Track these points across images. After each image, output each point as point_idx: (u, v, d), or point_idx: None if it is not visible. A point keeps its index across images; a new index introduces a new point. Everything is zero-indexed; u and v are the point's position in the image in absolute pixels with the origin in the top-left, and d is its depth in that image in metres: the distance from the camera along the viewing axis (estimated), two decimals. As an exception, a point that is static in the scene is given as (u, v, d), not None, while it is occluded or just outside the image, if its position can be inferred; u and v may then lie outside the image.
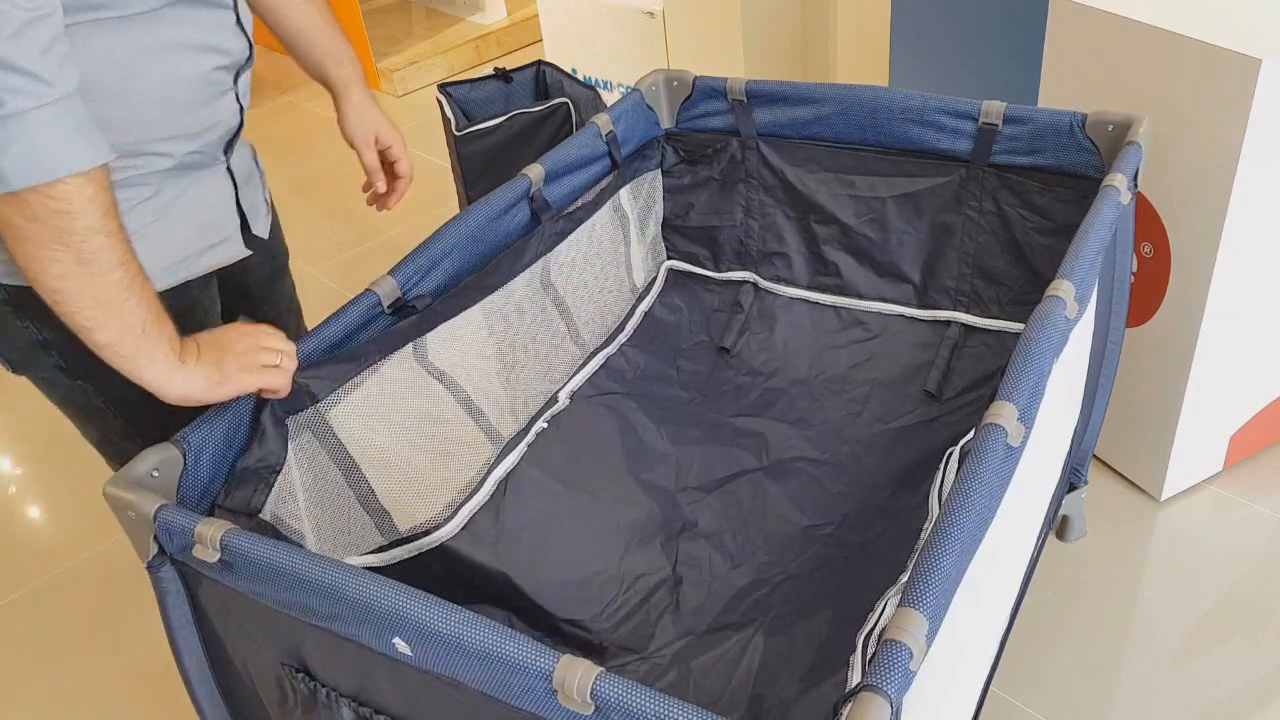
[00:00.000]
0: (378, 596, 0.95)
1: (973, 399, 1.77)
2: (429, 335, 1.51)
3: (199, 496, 1.19)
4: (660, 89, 1.85)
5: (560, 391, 1.80)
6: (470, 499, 1.60)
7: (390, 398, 1.46)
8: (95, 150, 0.98)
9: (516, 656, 0.90)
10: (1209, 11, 1.63)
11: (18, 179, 0.94)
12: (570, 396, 1.81)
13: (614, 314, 1.92)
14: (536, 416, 1.74)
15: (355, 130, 1.43)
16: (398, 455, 1.47)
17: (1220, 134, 1.59)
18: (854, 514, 1.65)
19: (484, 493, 1.62)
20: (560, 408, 1.78)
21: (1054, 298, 1.25)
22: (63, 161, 0.95)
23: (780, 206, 1.91)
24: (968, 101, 1.67)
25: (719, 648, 1.47)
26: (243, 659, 1.18)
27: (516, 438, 1.70)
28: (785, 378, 1.90)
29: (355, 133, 1.43)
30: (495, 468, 1.65)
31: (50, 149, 0.94)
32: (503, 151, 2.25)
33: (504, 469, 1.66)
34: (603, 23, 3.25)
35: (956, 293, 1.84)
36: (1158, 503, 1.96)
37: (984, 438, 1.08)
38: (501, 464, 1.66)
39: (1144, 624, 1.75)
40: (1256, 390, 1.90)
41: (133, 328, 1.04)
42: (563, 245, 1.75)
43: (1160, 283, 1.78)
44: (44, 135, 0.94)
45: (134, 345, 1.05)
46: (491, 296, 1.61)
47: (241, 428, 1.23)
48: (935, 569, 0.95)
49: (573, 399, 1.80)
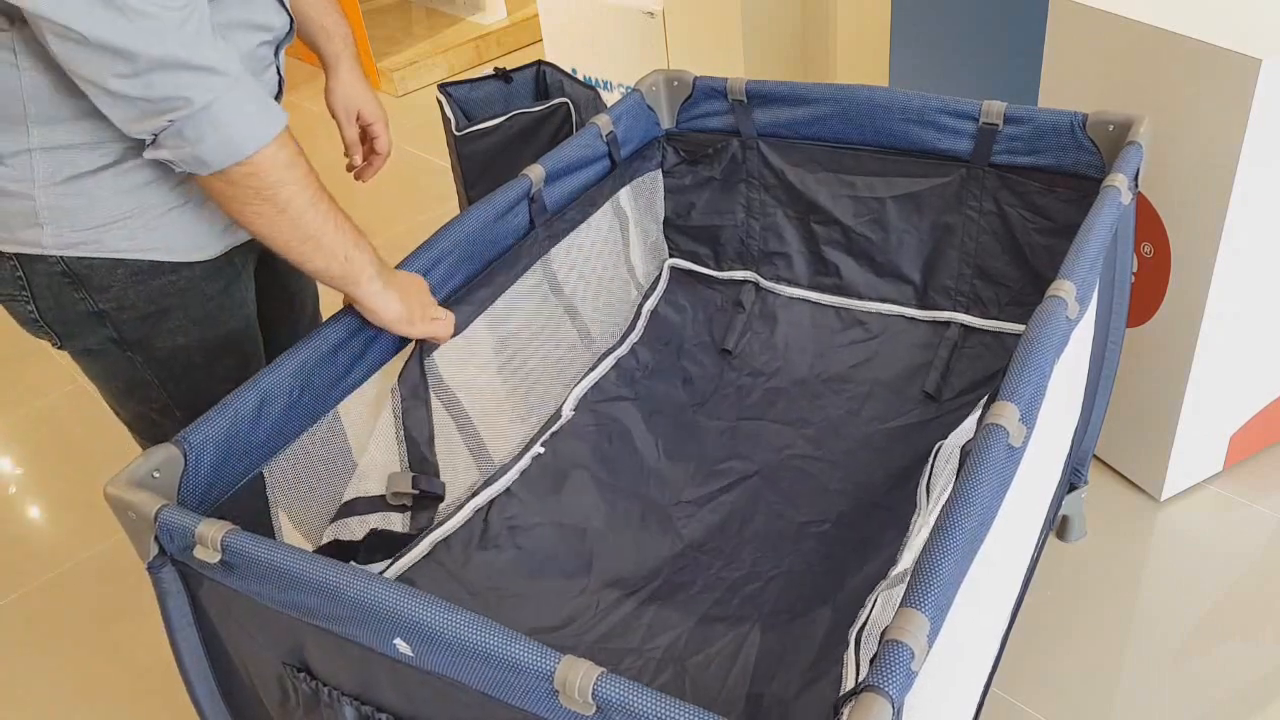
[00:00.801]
0: (378, 597, 0.95)
1: (971, 400, 1.78)
2: (435, 354, 1.51)
3: (200, 497, 1.19)
4: (660, 89, 1.85)
5: (564, 405, 1.79)
6: (444, 524, 1.59)
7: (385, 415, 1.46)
8: (274, 120, 1.11)
9: (518, 657, 0.90)
10: (1209, 11, 1.63)
11: (218, 162, 1.08)
12: (574, 409, 1.80)
13: (622, 314, 1.92)
14: (534, 439, 1.74)
15: (338, 103, 1.46)
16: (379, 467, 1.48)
17: (1220, 134, 1.59)
18: (849, 511, 1.65)
19: (459, 519, 1.61)
20: (563, 422, 1.78)
21: (1055, 298, 1.25)
22: (251, 138, 1.08)
23: (781, 206, 1.91)
24: (968, 101, 1.67)
25: (714, 644, 1.47)
26: (243, 659, 1.18)
27: (511, 461, 1.70)
28: (786, 377, 1.90)
29: (338, 106, 1.46)
30: (479, 493, 1.64)
31: (238, 131, 1.07)
32: (503, 151, 2.24)
33: (489, 495, 1.65)
34: (603, 23, 3.25)
35: (956, 293, 1.84)
36: (1158, 503, 1.96)
37: (985, 438, 1.08)
38: (488, 489, 1.65)
39: (1144, 624, 1.75)
40: (1256, 390, 1.91)
41: (336, 255, 1.20)
42: (563, 245, 1.74)
43: (1160, 283, 1.78)
44: (229, 120, 1.06)
45: (341, 269, 1.22)
46: (495, 305, 1.61)
47: (242, 428, 1.23)
48: (936, 569, 0.95)
49: (576, 411, 1.80)
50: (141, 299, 1.23)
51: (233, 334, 1.32)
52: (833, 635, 1.44)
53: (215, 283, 1.28)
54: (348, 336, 1.36)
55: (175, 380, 1.30)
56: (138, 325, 1.24)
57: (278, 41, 1.25)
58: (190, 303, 1.26)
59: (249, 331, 1.36)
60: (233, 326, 1.32)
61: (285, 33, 1.26)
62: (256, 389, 1.24)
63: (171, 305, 1.25)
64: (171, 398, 1.31)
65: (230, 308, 1.31)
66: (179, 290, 1.24)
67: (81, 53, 1.00)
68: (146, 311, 1.24)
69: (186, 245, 1.23)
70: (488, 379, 1.64)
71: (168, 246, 1.21)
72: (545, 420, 1.76)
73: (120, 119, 1.06)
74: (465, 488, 1.62)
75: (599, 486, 1.71)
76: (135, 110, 1.04)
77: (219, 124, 1.06)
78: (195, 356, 1.30)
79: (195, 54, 1.02)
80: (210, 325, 1.29)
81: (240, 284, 1.33)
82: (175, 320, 1.26)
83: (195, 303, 1.27)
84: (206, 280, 1.27)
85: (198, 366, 1.31)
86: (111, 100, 1.03)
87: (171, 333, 1.27)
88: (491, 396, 1.64)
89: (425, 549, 1.56)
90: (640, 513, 1.68)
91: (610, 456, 1.76)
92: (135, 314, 1.23)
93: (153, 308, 1.24)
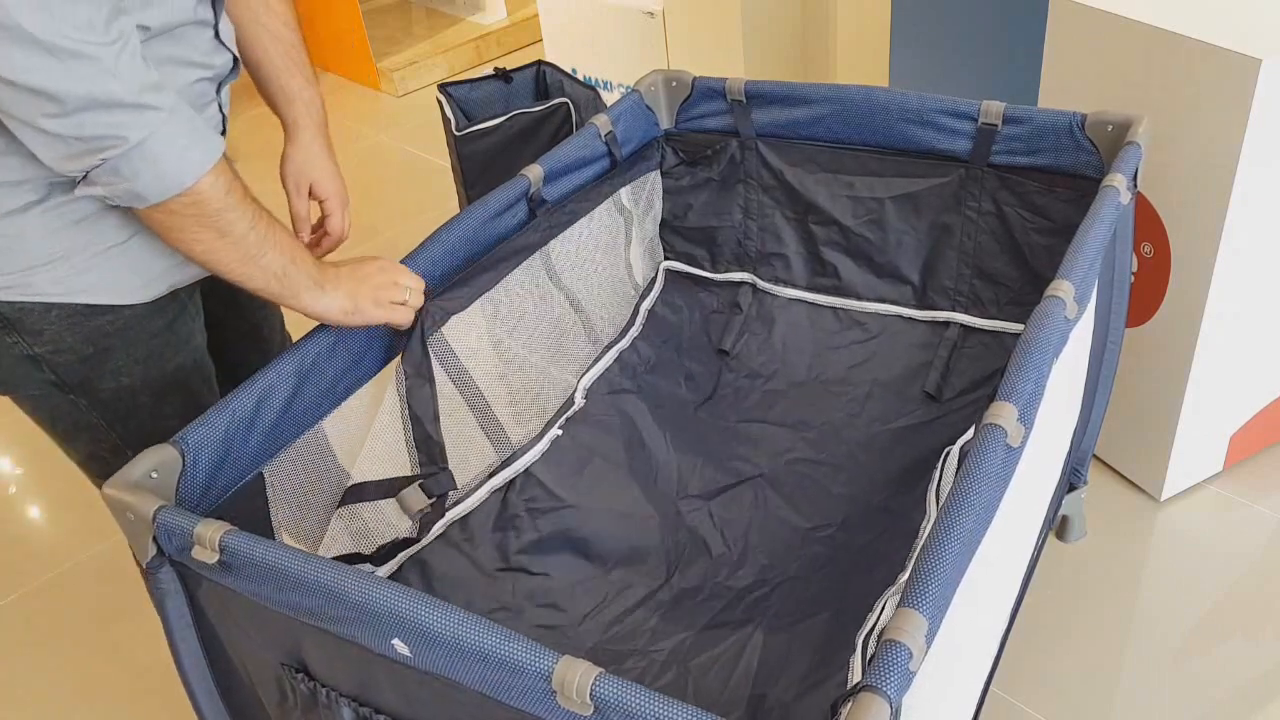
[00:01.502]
0: (376, 597, 0.95)
1: (972, 399, 1.77)
2: (444, 328, 1.51)
3: (198, 497, 1.19)
4: (659, 89, 1.85)
5: (575, 393, 1.80)
6: (458, 504, 1.60)
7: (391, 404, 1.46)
8: (210, 148, 1.08)
9: (516, 657, 0.90)
10: (1209, 11, 1.63)
11: (155, 196, 1.06)
12: (585, 395, 1.81)
13: (622, 310, 1.93)
14: (551, 422, 1.75)
15: (288, 173, 1.36)
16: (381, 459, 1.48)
17: (1220, 134, 1.59)
18: (854, 515, 1.65)
19: (476, 498, 1.62)
20: (575, 409, 1.78)
21: (1053, 298, 1.25)
22: (187, 171, 1.06)
23: (779, 207, 1.91)
24: (967, 102, 1.66)
25: (717, 646, 1.47)
26: (242, 660, 1.18)
27: (527, 444, 1.70)
28: (784, 379, 1.90)
29: (288, 175, 1.36)
30: (497, 474, 1.66)
31: (174, 164, 1.05)
32: (503, 151, 2.24)
33: (507, 475, 1.67)
34: (603, 23, 3.25)
35: (955, 293, 1.84)
36: (1158, 503, 1.96)
37: (984, 438, 1.08)
38: (502, 473, 1.67)
39: (1144, 624, 1.75)
40: (1256, 390, 1.90)
41: (275, 273, 1.17)
42: (561, 239, 1.74)
43: (1160, 283, 1.78)
44: (165, 154, 1.04)
45: (279, 286, 1.18)
46: (496, 289, 1.61)
47: (240, 429, 1.23)
48: (935, 569, 0.95)
49: (588, 397, 1.81)
50: (79, 341, 1.18)
51: (180, 370, 1.28)
52: (837, 639, 1.44)
53: (158, 319, 1.23)
54: (345, 336, 1.36)
55: (123, 420, 1.26)
56: (77, 368, 1.19)
57: (219, 79, 1.21)
58: (132, 342, 1.21)
59: (198, 366, 1.31)
60: (180, 362, 1.27)
61: (228, 70, 1.22)
62: (255, 389, 1.23)
63: (112, 345, 1.20)
64: (121, 438, 1.26)
65: (176, 344, 1.26)
66: (119, 330, 1.20)
67: (9, 93, 0.96)
68: (85, 354, 1.19)
69: (124, 287, 1.18)
70: (496, 362, 1.64)
71: (103, 289, 1.16)
72: (560, 406, 1.77)
73: (50, 158, 1.02)
74: (484, 468, 1.62)
75: (616, 472, 1.72)
76: (67, 149, 1.01)
77: (155, 158, 1.03)
78: (142, 396, 1.25)
79: (128, 91, 0.99)
80: (155, 363, 1.24)
81: (185, 318, 1.27)
82: (117, 360, 1.21)
83: (138, 341, 1.22)
84: (148, 318, 1.22)
85: (145, 406, 1.26)
86: (43, 139, 1.00)
87: (114, 373, 1.22)
88: (501, 379, 1.65)
89: (440, 529, 1.57)
90: (651, 504, 1.69)
91: (624, 445, 1.77)
92: (74, 356, 1.19)
93: (91, 349, 1.19)
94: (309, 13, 4.05)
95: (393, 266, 1.34)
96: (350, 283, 1.26)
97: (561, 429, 1.75)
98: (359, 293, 1.27)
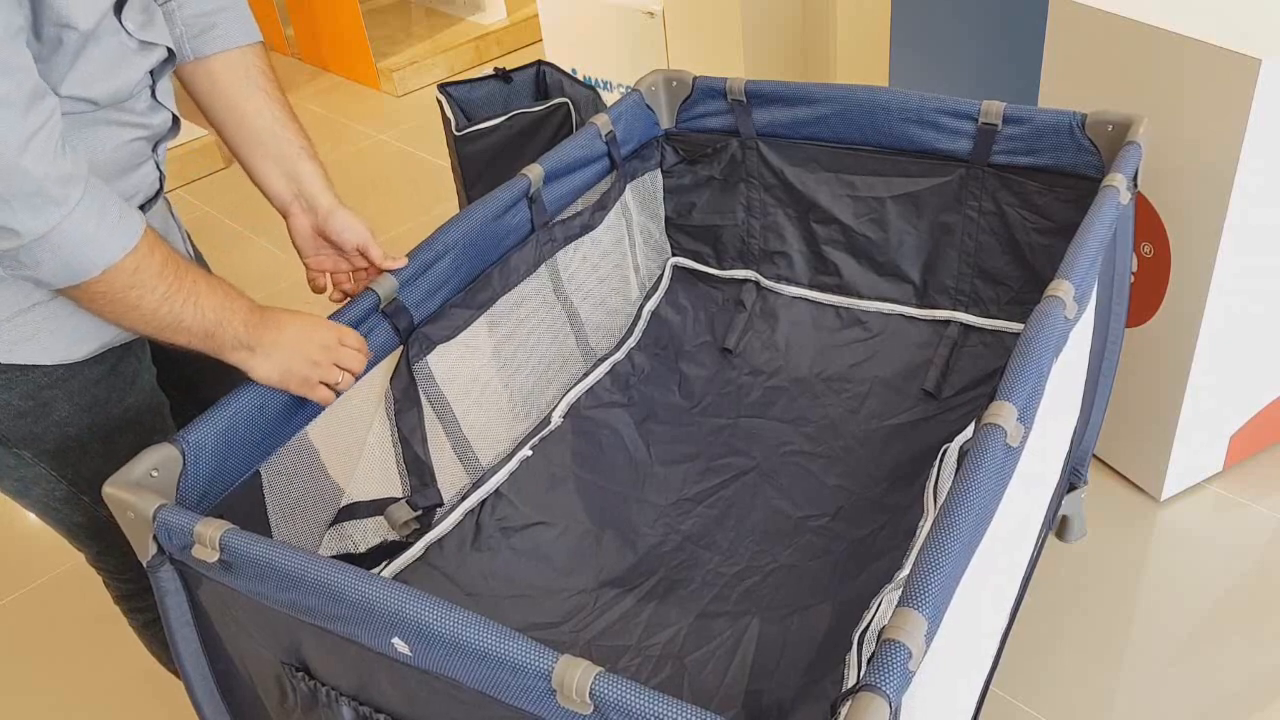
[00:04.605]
0: (376, 596, 0.95)
1: (971, 398, 1.78)
2: (429, 356, 1.51)
3: (198, 496, 1.19)
4: (660, 89, 1.85)
5: (554, 412, 1.79)
6: (435, 526, 1.60)
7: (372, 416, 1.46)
8: (123, 233, 1.03)
9: (515, 656, 0.90)
10: (1209, 11, 1.63)
11: (59, 283, 1.02)
12: (564, 416, 1.80)
13: (622, 317, 1.93)
14: (523, 442, 1.74)
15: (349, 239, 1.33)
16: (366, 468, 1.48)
17: (1220, 134, 1.59)
18: (848, 507, 1.65)
19: (450, 521, 1.61)
20: (551, 429, 1.78)
21: (1053, 298, 1.25)
22: (94, 260, 1.01)
23: (781, 206, 1.91)
24: (967, 101, 1.66)
25: (713, 640, 1.47)
26: (242, 658, 1.18)
27: (499, 464, 1.70)
28: (786, 376, 1.90)
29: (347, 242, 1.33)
30: (469, 496, 1.65)
31: (78, 255, 1.00)
32: (503, 151, 2.25)
33: (479, 496, 1.66)
34: (603, 23, 3.25)
35: (956, 292, 1.84)
36: (1158, 503, 1.96)
37: (983, 438, 1.08)
38: (476, 492, 1.66)
39: (1144, 624, 1.75)
40: (1256, 390, 1.90)
41: (199, 335, 1.13)
42: (572, 248, 1.75)
43: (1160, 283, 1.78)
44: (69, 245, 0.99)
45: (204, 344, 1.14)
46: (495, 307, 1.61)
47: (240, 427, 1.22)
48: (935, 569, 0.95)
49: (565, 418, 1.80)
50: (16, 398, 1.14)
51: (129, 411, 1.23)
52: (833, 633, 1.44)
53: (98, 366, 1.18)
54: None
55: (73, 468, 1.22)
56: (18, 423, 1.16)
57: (156, 139, 1.17)
58: (74, 391, 1.17)
59: (149, 403, 1.26)
60: (128, 403, 1.23)
61: (166, 129, 1.18)
62: (256, 388, 1.23)
63: (53, 398, 1.16)
64: (73, 485, 1.23)
65: (121, 387, 1.22)
66: (57, 382, 1.15)
67: None
68: (24, 409, 1.15)
69: (52, 348, 1.14)
70: (482, 382, 1.64)
71: (28, 349, 1.12)
72: (534, 426, 1.76)
73: None
74: (454, 490, 1.62)
75: (589, 488, 1.71)
76: None
77: (58, 249, 0.98)
78: (91, 444, 1.21)
79: (27, 182, 0.94)
80: (101, 410, 1.20)
81: (130, 359, 1.23)
82: (60, 412, 1.17)
83: (80, 390, 1.18)
84: (87, 366, 1.17)
85: (95, 452, 1.22)
86: None
87: (59, 425, 1.18)
88: (482, 399, 1.64)
89: (418, 551, 1.56)
90: (634, 511, 1.68)
91: (600, 459, 1.77)
92: (12, 412, 1.15)
93: (30, 403, 1.15)
94: (309, 13, 4.05)
95: (331, 342, 1.24)
96: (283, 352, 1.19)
97: (533, 449, 1.74)
98: (290, 365, 1.20)
